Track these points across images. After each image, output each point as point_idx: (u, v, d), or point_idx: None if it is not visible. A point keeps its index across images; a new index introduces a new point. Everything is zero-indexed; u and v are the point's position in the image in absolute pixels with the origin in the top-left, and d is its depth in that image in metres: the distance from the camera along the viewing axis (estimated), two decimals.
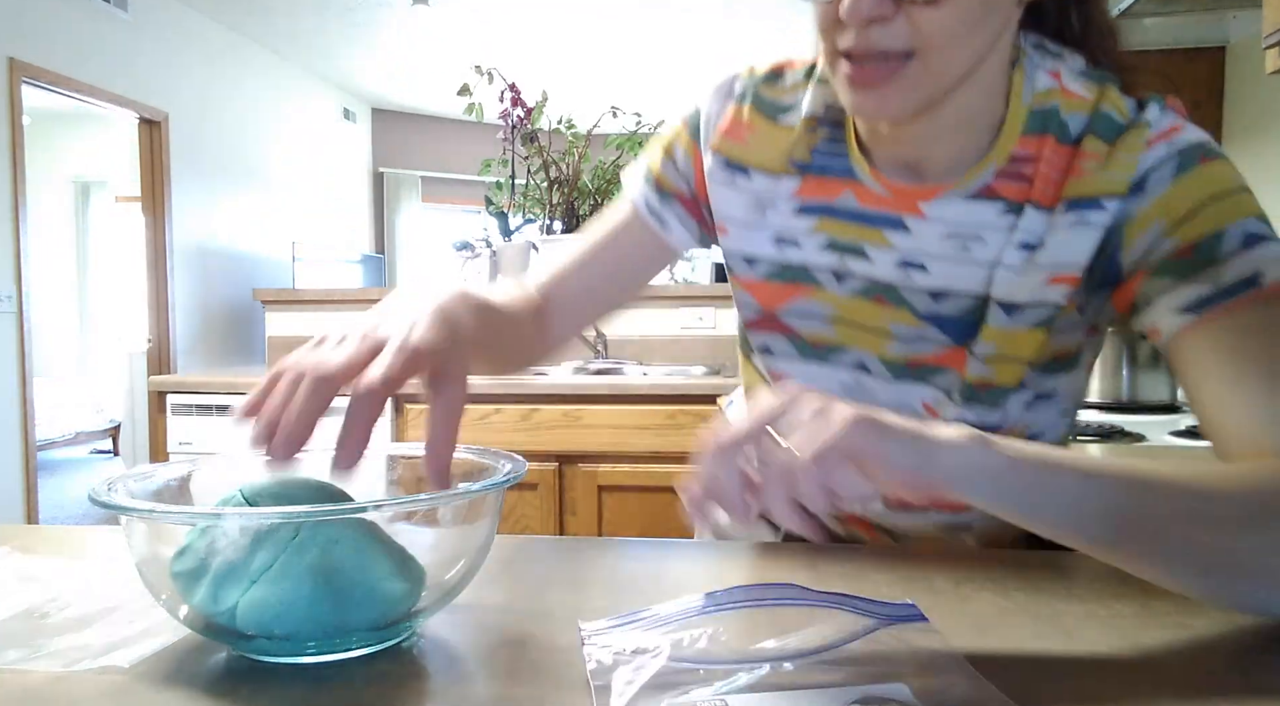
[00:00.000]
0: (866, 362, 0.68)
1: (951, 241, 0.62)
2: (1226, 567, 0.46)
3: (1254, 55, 1.76)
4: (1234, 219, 0.55)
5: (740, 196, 0.70)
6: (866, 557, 0.59)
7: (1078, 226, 0.58)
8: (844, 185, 0.66)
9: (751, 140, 0.69)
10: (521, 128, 2.87)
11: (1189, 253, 0.56)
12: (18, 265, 3.74)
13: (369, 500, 0.42)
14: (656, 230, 0.75)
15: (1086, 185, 0.58)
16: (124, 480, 0.46)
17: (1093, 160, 0.58)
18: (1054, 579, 0.56)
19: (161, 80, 4.65)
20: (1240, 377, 0.54)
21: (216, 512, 0.41)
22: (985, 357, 0.63)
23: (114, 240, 7.02)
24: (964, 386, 0.64)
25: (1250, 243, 0.54)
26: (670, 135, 0.75)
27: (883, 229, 0.65)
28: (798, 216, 0.68)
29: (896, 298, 0.65)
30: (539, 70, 5.93)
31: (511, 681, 0.40)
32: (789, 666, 0.40)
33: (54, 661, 0.42)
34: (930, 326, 0.65)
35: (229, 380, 2.34)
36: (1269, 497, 0.46)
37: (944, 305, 0.64)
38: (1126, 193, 0.57)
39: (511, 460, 0.50)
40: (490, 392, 2.20)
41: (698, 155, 0.73)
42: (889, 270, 0.65)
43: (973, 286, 0.63)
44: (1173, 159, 0.56)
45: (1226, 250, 0.55)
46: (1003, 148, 0.61)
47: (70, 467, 6.02)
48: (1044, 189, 0.60)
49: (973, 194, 0.62)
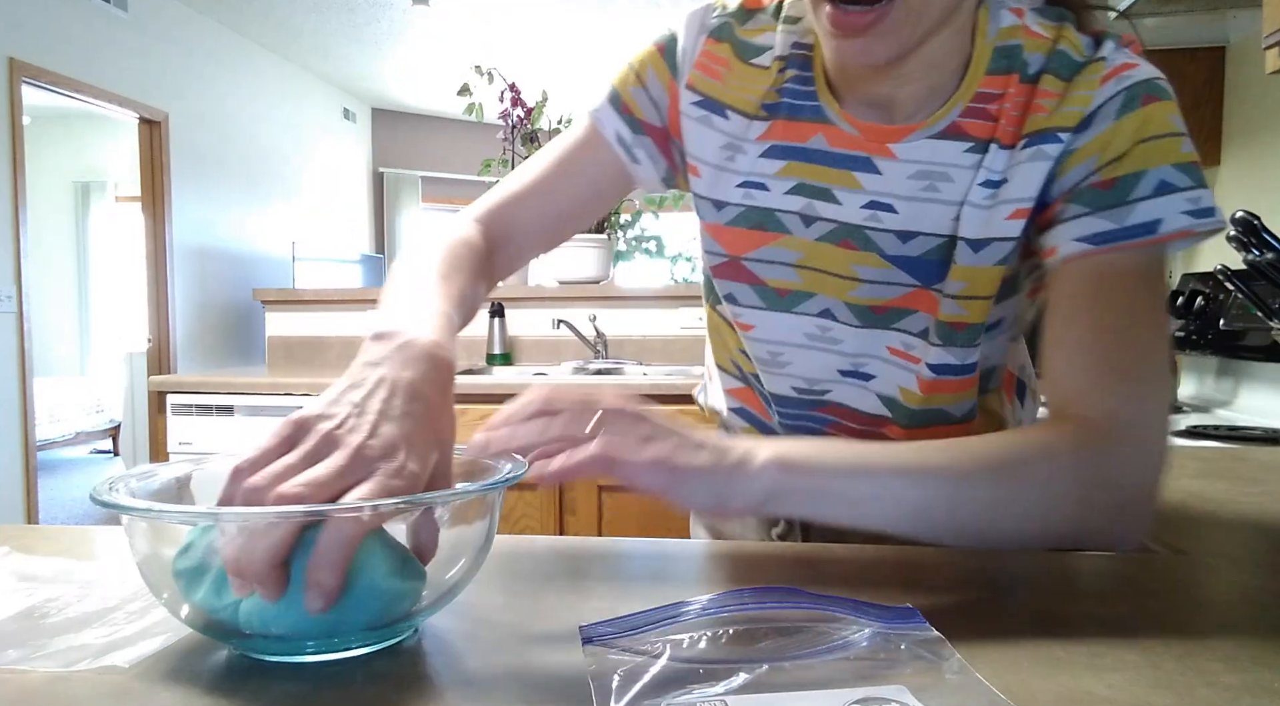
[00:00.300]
0: (832, 309, 0.68)
1: (920, 181, 0.63)
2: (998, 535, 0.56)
3: (1254, 55, 1.76)
4: (1157, 163, 0.57)
5: (714, 137, 0.69)
6: (867, 558, 0.59)
7: (1034, 160, 0.60)
8: (815, 127, 0.66)
9: (727, 78, 0.68)
10: (521, 128, 2.87)
11: (1108, 186, 0.58)
12: (18, 265, 3.74)
13: (366, 501, 0.42)
14: (625, 162, 0.72)
15: (1044, 121, 0.60)
16: (125, 480, 0.46)
17: (1051, 98, 0.60)
18: (1054, 579, 0.56)
19: (161, 80, 4.65)
20: (1087, 325, 0.58)
21: (216, 512, 0.41)
22: (956, 296, 0.63)
23: (114, 240, 7.02)
24: (940, 327, 0.65)
25: (1163, 190, 0.57)
26: (643, 57, 0.72)
27: (853, 170, 0.65)
28: (765, 159, 0.67)
29: (864, 240, 0.65)
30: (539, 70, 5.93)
31: (511, 681, 0.40)
32: (789, 666, 0.40)
33: (54, 661, 0.42)
34: (897, 269, 0.65)
35: (229, 380, 2.34)
36: (1019, 470, 0.55)
37: (911, 246, 0.64)
38: (1076, 126, 0.59)
39: (512, 460, 0.50)
40: (491, 393, 2.20)
41: (674, 88, 0.70)
42: (857, 213, 0.65)
43: (940, 226, 0.63)
44: (1120, 96, 0.58)
45: (1140, 193, 0.57)
46: (969, 86, 0.62)
47: (70, 467, 6.02)
48: (1007, 127, 0.61)
49: (940, 133, 0.62)
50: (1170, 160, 0.57)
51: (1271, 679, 0.40)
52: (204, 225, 5.01)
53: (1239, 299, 1.59)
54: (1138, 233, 0.57)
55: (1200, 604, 0.50)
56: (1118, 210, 0.58)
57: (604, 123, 0.72)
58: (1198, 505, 0.76)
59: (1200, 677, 0.40)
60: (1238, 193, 1.82)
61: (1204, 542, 0.64)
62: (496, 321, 2.77)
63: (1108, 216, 0.58)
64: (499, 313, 2.76)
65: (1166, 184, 0.57)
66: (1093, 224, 0.58)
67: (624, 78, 0.73)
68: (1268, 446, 1.19)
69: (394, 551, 0.44)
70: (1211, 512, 0.73)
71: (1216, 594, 0.52)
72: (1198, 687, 0.39)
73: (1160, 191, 0.57)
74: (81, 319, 7.07)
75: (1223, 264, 1.40)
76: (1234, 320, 1.63)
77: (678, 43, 0.70)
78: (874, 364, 0.69)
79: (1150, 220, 0.57)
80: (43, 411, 5.34)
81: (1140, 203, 0.57)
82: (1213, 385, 1.80)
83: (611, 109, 0.72)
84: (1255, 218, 1.22)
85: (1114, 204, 0.58)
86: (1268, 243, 1.22)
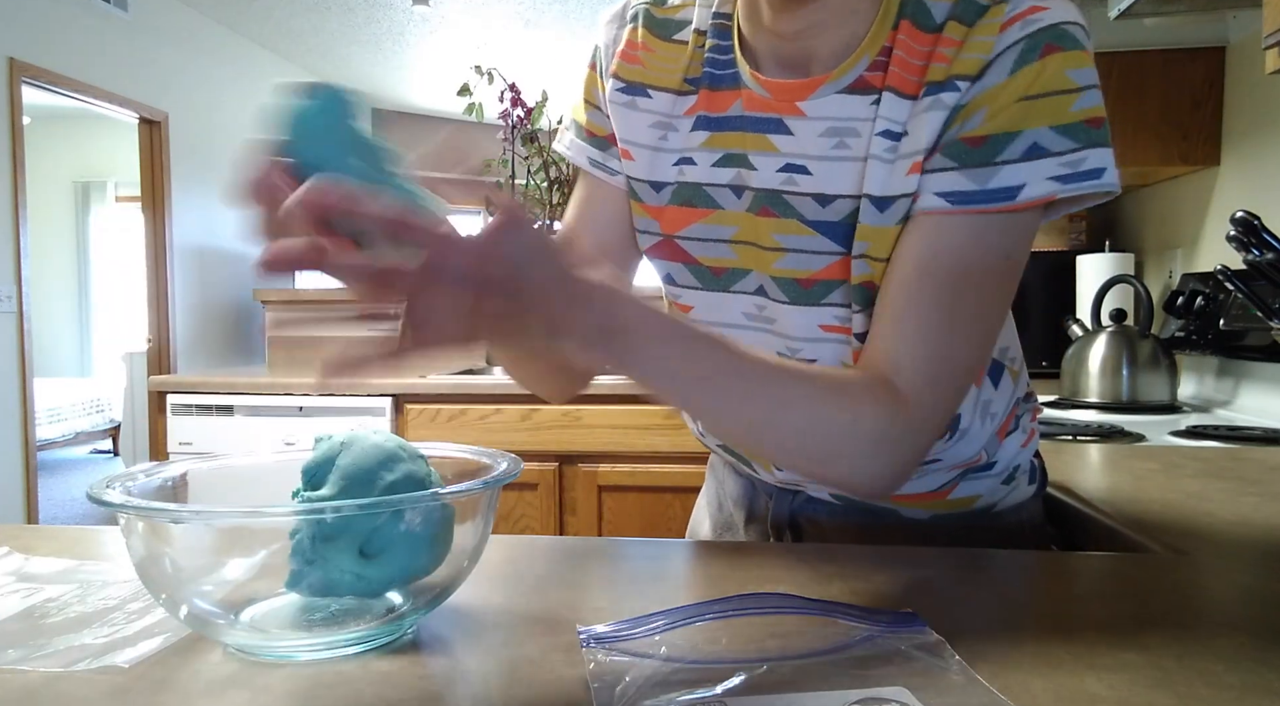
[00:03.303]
0: (765, 286, 0.66)
1: (830, 139, 0.61)
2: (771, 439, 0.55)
3: (1254, 55, 1.75)
4: (1035, 124, 0.54)
5: (641, 118, 0.68)
6: (866, 558, 0.59)
7: (932, 109, 0.57)
8: (734, 94, 0.65)
9: (648, 60, 0.68)
10: (521, 128, 2.87)
11: (978, 143, 0.56)
12: (18, 265, 3.74)
13: (352, 500, 0.42)
14: (608, 179, 0.71)
15: (943, 70, 0.57)
16: (123, 479, 0.46)
17: (952, 46, 0.57)
18: (1054, 579, 0.56)
19: (161, 80, 4.65)
20: (924, 293, 0.57)
21: (213, 511, 0.41)
22: (864, 256, 0.61)
23: (114, 240, 7.02)
24: (856, 291, 0.62)
25: (1033, 153, 0.54)
26: (585, 83, 0.73)
27: (767, 133, 0.64)
28: (693, 133, 0.67)
29: (784, 207, 0.63)
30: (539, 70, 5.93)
31: (511, 681, 0.40)
32: (788, 666, 0.40)
33: (54, 661, 0.42)
34: (820, 235, 0.63)
35: (229, 380, 2.34)
36: (824, 387, 0.54)
37: (830, 211, 0.62)
38: (976, 74, 0.56)
39: (507, 459, 0.50)
40: (490, 393, 2.20)
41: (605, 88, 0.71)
42: (774, 177, 0.63)
43: (852, 186, 0.61)
44: (1020, 44, 0.55)
45: (1008, 155, 0.55)
46: (875, 39, 0.60)
47: (70, 467, 6.02)
48: (903, 75, 0.59)
49: (848, 87, 0.61)
50: (1052, 120, 0.54)
51: (1272, 679, 0.40)
52: (204, 225, 5.01)
53: (1239, 299, 1.59)
54: (997, 197, 0.55)
55: (1200, 604, 0.50)
56: (982, 170, 0.55)
57: (577, 155, 0.73)
58: (1197, 505, 0.76)
59: (1200, 677, 0.40)
60: (1238, 193, 1.82)
61: (1204, 542, 0.64)
62: None
63: (970, 176, 0.55)
64: None
65: (1038, 147, 0.54)
66: (954, 180, 0.56)
67: (576, 108, 0.74)
68: (1268, 446, 1.19)
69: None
70: (1211, 512, 0.73)
71: (1216, 594, 0.52)
72: (1198, 687, 0.39)
73: (1030, 155, 0.54)
74: (81, 319, 7.07)
75: (1223, 264, 1.40)
76: (1234, 320, 1.63)
77: (600, 49, 0.72)
78: (810, 347, 0.66)
79: (1012, 185, 0.54)
80: (43, 411, 5.34)
81: (1006, 166, 0.54)
82: (1213, 385, 1.80)
83: (577, 139, 0.73)
84: (1255, 218, 1.22)
85: (980, 163, 0.55)
86: (1268, 243, 1.22)
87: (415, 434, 2.22)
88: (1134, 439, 1.27)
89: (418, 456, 0.47)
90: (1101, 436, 1.28)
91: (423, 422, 2.23)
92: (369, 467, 0.45)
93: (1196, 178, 1.97)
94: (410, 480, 0.45)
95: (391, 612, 0.44)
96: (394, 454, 0.46)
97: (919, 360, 0.56)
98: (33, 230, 3.93)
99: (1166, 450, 1.08)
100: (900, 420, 0.55)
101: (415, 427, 2.23)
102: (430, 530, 0.44)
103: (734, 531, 0.82)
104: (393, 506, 0.42)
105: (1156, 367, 1.69)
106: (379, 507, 0.42)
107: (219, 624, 0.43)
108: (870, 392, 0.55)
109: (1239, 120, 1.81)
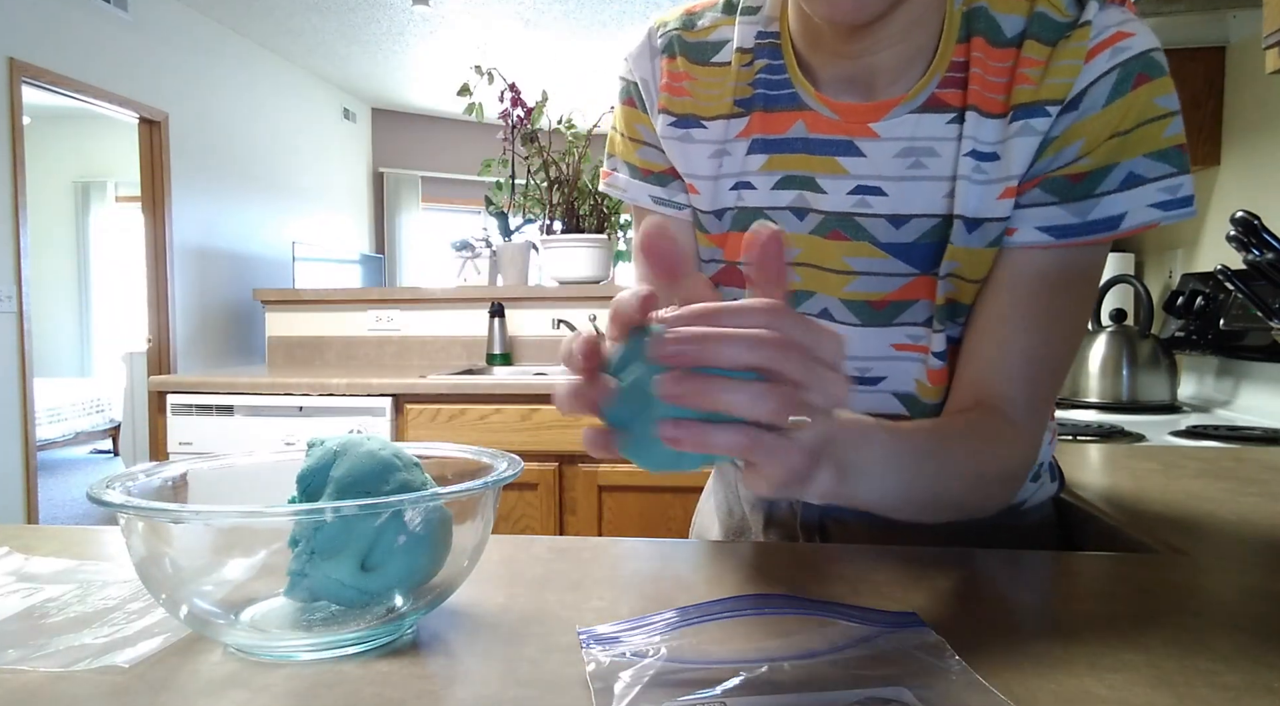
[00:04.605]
0: (830, 309, 0.66)
1: (905, 159, 0.61)
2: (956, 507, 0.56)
3: (1254, 55, 1.76)
4: (1132, 154, 0.56)
5: (699, 149, 0.67)
6: (867, 559, 0.59)
7: (1023, 135, 0.57)
8: (794, 116, 0.64)
9: (693, 89, 0.67)
10: (521, 128, 2.87)
11: (1078, 179, 0.57)
12: (18, 265, 3.74)
13: (352, 501, 0.42)
14: (676, 215, 0.70)
15: (1030, 93, 0.57)
16: (123, 479, 0.46)
17: (1035, 67, 0.57)
18: (1054, 579, 0.56)
19: (161, 80, 4.65)
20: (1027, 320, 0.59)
21: (210, 510, 0.41)
22: (950, 277, 0.61)
23: (114, 240, 7.02)
24: (942, 311, 0.62)
25: (1131, 182, 0.56)
26: (625, 120, 0.71)
27: (835, 156, 0.63)
28: (749, 156, 0.66)
29: (854, 229, 0.63)
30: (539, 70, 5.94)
31: (511, 681, 0.40)
32: (788, 666, 0.40)
33: (54, 661, 0.42)
34: (894, 258, 0.63)
35: (229, 380, 2.34)
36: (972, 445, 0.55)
37: (905, 232, 0.62)
38: (1065, 101, 0.56)
39: (507, 459, 0.50)
40: (490, 393, 2.20)
41: (653, 125, 0.69)
42: (844, 200, 0.63)
43: (932, 206, 0.61)
44: (1111, 74, 0.55)
45: (1107, 186, 0.56)
46: (944, 55, 0.60)
47: (70, 467, 6.02)
48: (985, 94, 0.59)
49: (921, 106, 0.60)
50: (1147, 148, 0.55)
51: (1271, 679, 0.40)
52: (204, 225, 5.01)
53: (1239, 299, 1.59)
54: (1099, 228, 0.56)
55: (1200, 604, 0.50)
56: (1082, 204, 0.56)
57: (638, 196, 0.71)
58: (1198, 505, 0.76)
59: (1200, 677, 0.40)
60: (1238, 193, 1.82)
61: (1204, 542, 0.64)
62: (496, 321, 2.76)
63: (1071, 210, 0.57)
64: (499, 313, 2.76)
65: (1135, 176, 0.55)
66: (1055, 215, 0.57)
67: (625, 148, 0.71)
68: (1268, 446, 1.19)
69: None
70: (1211, 512, 0.73)
71: (1216, 594, 0.52)
72: (1198, 687, 0.39)
73: (1128, 184, 0.55)
74: (81, 319, 7.07)
75: (1223, 264, 1.40)
76: (1234, 320, 1.63)
77: (636, 84, 0.69)
78: (880, 365, 0.66)
79: (1113, 215, 0.56)
80: (43, 411, 5.34)
81: (1106, 196, 0.56)
82: (1213, 385, 1.80)
83: (634, 180, 0.71)
84: (1255, 218, 1.22)
85: (1081, 196, 0.56)
86: (1268, 243, 1.22)
87: (415, 434, 2.22)
88: (1134, 439, 1.27)
89: (413, 465, 0.47)
90: (1101, 436, 1.28)
91: (423, 422, 2.23)
92: (364, 480, 0.45)
93: (1196, 178, 1.97)
94: (406, 490, 0.45)
95: (391, 612, 0.44)
96: (389, 463, 0.46)
97: (1025, 391, 0.59)
98: (33, 230, 3.93)
99: (1166, 450, 1.08)
100: (1018, 452, 0.59)
101: (415, 427, 2.23)
102: (431, 538, 0.44)
103: (748, 535, 0.81)
104: (393, 507, 0.42)
105: (1156, 367, 1.69)
106: (379, 509, 0.42)
107: (219, 624, 0.43)
108: (998, 435, 0.58)
109: (1239, 120, 1.81)
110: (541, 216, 2.92)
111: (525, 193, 2.96)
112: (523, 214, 3.02)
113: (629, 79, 0.70)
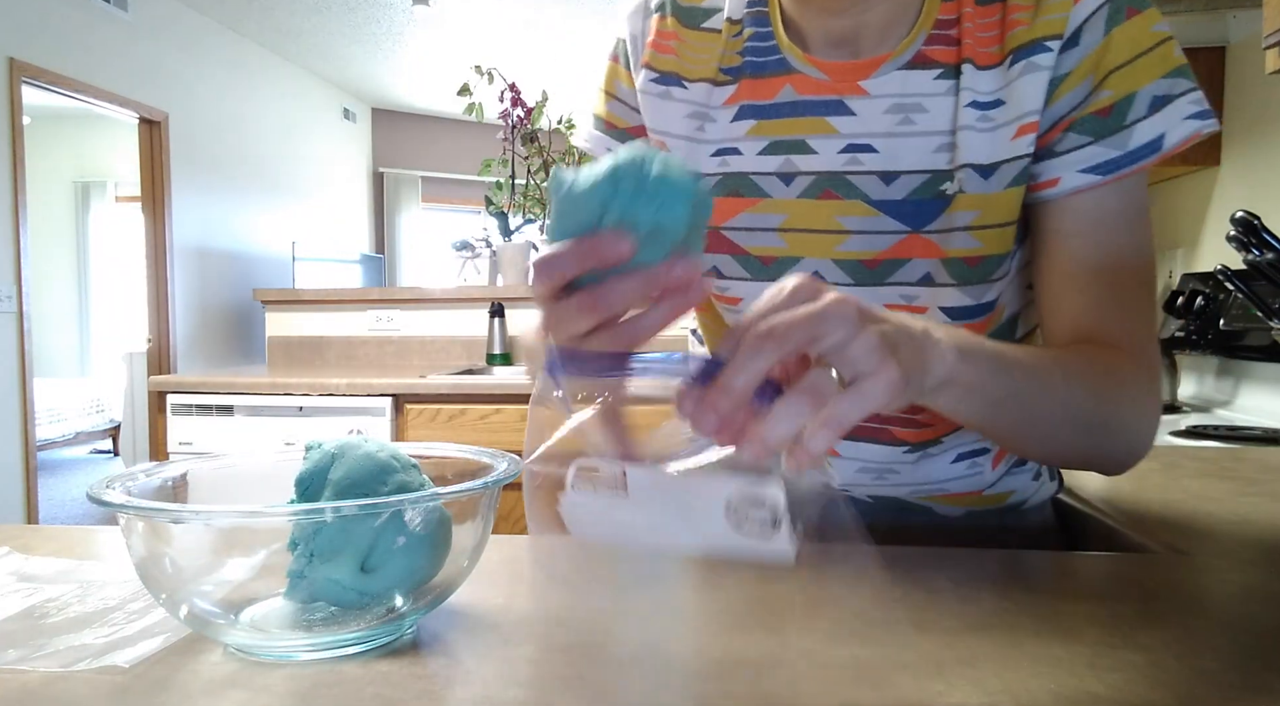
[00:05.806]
0: (822, 271, 0.66)
1: (895, 115, 0.62)
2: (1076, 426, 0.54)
3: (1254, 55, 1.75)
4: (1150, 79, 0.57)
5: (676, 108, 0.68)
6: (867, 559, 0.59)
7: (1028, 73, 0.59)
8: (782, 80, 0.65)
9: (681, 50, 0.68)
10: (521, 128, 2.87)
11: (1106, 113, 0.58)
12: (18, 265, 3.74)
13: (352, 501, 0.42)
14: None
15: (1025, 34, 0.59)
16: (123, 479, 0.46)
17: (1025, 10, 0.59)
18: (1054, 579, 0.56)
19: (161, 80, 4.65)
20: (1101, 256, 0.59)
21: (209, 510, 0.41)
22: (969, 227, 0.61)
23: (114, 240, 7.02)
24: (952, 265, 0.62)
25: (1158, 104, 0.57)
26: (606, 75, 0.73)
27: (825, 116, 0.64)
28: (735, 123, 0.66)
29: (846, 188, 0.64)
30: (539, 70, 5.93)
31: (511, 682, 0.40)
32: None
33: (54, 661, 0.42)
34: (885, 215, 0.63)
35: (229, 380, 2.34)
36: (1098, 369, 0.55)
37: (895, 189, 0.63)
38: (1064, 36, 0.58)
39: (507, 459, 0.50)
40: (490, 393, 2.20)
41: (635, 80, 0.71)
42: (836, 158, 0.64)
43: (921, 162, 0.62)
44: (1104, 9, 0.58)
45: (1136, 114, 0.57)
46: (929, 13, 0.62)
47: (70, 467, 6.02)
48: (979, 48, 0.61)
49: (909, 62, 0.62)
50: (1163, 70, 0.57)
51: (1271, 679, 0.40)
52: (204, 225, 5.01)
53: (1239, 299, 1.59)
54: (1144, 154, 0.57)
55: (1200, 604, 0.50)
56: (1119, 136, 0.58)
57: (595, 147, 0.73)
58: (1198, 505, 0.76)
59: (1200, 677, 0.40)
60: (1238, 193, 1.82)
61: (1204, 542, 0.64)
62: (496, 321, 2.76)
63: (1110, 143, 0.58)
64: (499, 313, 2.76)
65: (1161, 97, 0.57)
66: (1097, 153, 0.58)
67: (598, 102, 0.74)
68: (1268, 446, 1.19)
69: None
70: (1211, 512, 0.73)
71: (1216, 594, 0.52)
72: (1198, 687, 0.39)
73: (1157, 106, 0.57)
74: (81, 319, 7.07)
75: (1223, 264, 1.40)
76: (1234, 320, 1.63)
77: (625, 41, 0.71)
78: None
79: (1154, 138, 0.57)
80: (43, 411, 5.34)
81: (1139, 123, 0.57)
82: (1213, 385, 1.80)
83: (597, 132, 0.73)
84: (1255, 218, 1.22)
85: (1114, 129, 0.58)
86: (1268, 243, 1.22)
87: (415, 434, 2.22)
88: None
89: (411, 466, 0.47)
90: None
91: (422, 422, 2.23)
92: (362, 482, 0.45)
93: (1196, 177, 1.97)
94: (404, 492, 0.45)
95: (391, 612, 0.44)
96: (387, 465, 0.46)
97: (1133, 327, 0.59)
98: (33, 230, 3.93)
99: (1166, 450, 1.08)
100: (1152, 379, 0.59)
101: (415, 427, 2.23)
102: (430, 538, 0.44)
103: None
104: (392, 507, 0.42)
105: None
106: (378, 510, 0.42)
107: (219, 624, 0.43)
108: (1122, 360, 0.57)
109: (1239, 120, 1.81)
110: (541, 217, 2.92)
111: (525, 193, 2.96)
112: (523, 214, 3.02)
113: (619, 37, 0.72)
